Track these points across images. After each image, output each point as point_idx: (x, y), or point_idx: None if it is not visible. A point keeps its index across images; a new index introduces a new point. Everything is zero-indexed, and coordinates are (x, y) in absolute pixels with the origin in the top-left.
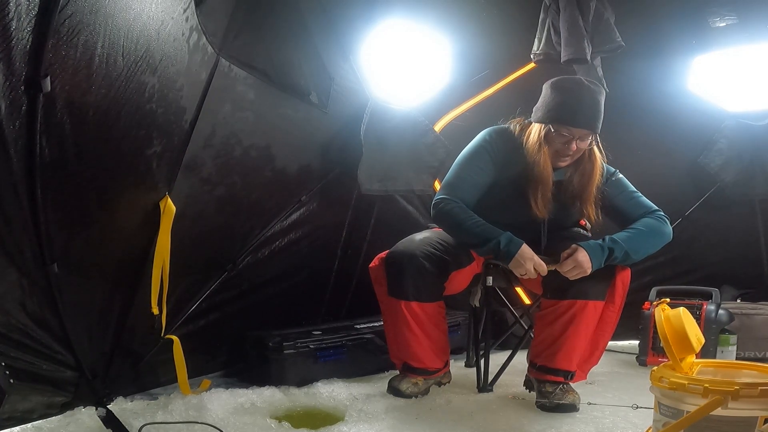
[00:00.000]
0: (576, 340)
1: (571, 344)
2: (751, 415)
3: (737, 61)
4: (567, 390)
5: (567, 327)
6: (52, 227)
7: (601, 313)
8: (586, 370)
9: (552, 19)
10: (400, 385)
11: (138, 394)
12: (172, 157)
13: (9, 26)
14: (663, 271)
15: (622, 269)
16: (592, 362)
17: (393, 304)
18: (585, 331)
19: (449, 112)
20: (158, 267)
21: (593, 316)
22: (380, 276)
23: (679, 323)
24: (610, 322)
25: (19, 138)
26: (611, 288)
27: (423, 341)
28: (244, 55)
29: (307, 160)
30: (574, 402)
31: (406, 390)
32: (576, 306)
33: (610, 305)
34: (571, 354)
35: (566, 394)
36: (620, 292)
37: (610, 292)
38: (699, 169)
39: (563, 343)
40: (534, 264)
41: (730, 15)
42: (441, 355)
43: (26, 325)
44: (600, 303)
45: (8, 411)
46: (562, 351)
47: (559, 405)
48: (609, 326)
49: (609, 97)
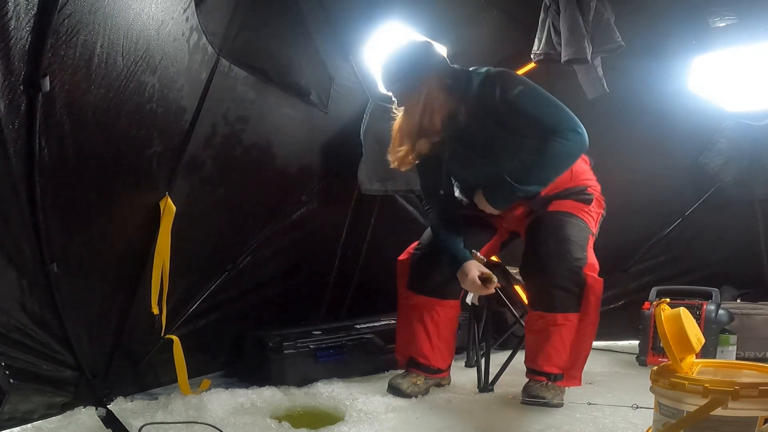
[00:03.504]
0: (550, 346)
1: (547, 350)
2: (751, 415)
3: (737, 61)
4: (549, 388)
5: (541, 335)
6: (51, 227)
7: (577, 324)
8: (575, 376)
9: (552, 19)
10: (401, 384)
11: (138, 394)
12: (172, 157)
13: (8, 26)
14: (663, 271)
15: (594, 282)
16: (577, 366)
17: (410, 297)
18: (559, 339)
19: None
20: (158, 267)
21: (566, 326)
22: (405, 268)
23: (679, 323)
24: (588, 333)
25: (19, 138)
26: (584, 301)
27: (433, 338)
28: (244, 55)
29: (307, 160)
30: (548, 398)
31: (407, 389)
32: (547, 318)
33: (585, 317)
34: (549, 358)
35: (547, 391)
36: (593, 304)
37: (584, 304)
38: (699, 169)
39: (540, 348)
40: (470, 281)
41: (730, 15)
42: (446, 356)
43: (26, 325)
44: (572, 315)
45: (8, 411)
46: (540, 355)
47: (533, 398)
48: (586, 336)
49: (609, 97)
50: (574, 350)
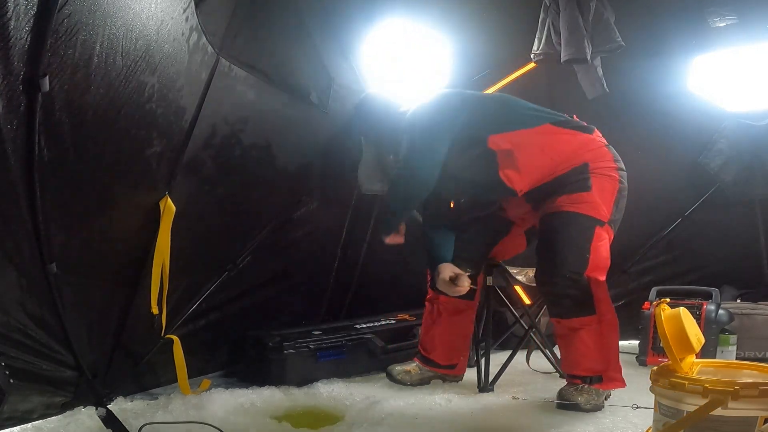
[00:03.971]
0: (575, 350)
1: (573, 354)
2: (751, 415)
3: (737, 61)
4: (584, 391)
5: (564, 340)
6: (51, 227)
7: (597, 326)
8: (614, 378)
9: (552, 19)
10: (393, 370)
11: (138, 394)
12: (172, 157)
13: (7, 26)
14: (663, 271)
15: (596, 284)
16: (612, 368)
17: (429, 291)
18: (581, 342)
19: None
20: (158, 267)
21: (585, 329)
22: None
23: (679, 323)
24: (607, 332)
25: (18, 137)
26: (596, 303)
27: (432, 331)
28: (244, 55)
29: (307, 160)
30: (581, 402)
31: (396, 375)
32: (563, 323)
33: (601, 318)
34: (577, 362)
35: (580, 395)
36: (604, 304)
37: (597, 307)
38: (699, 169)
39: (567, 353)
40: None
41: (730, 15)
42: (448, 351)
43: (26, 325)
44: (587, 318)
45: (8, 411)
46: (568, 359)
47: (563, 400)
48: (608, 336)
49: (609, 97)
50: (602, 351)
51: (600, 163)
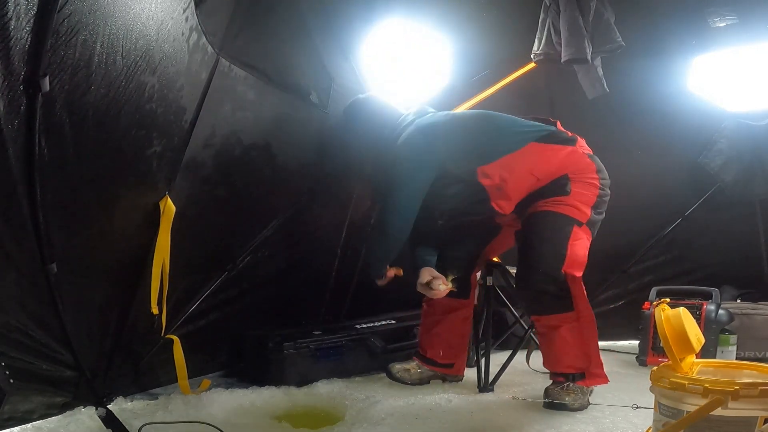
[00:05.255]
0: (556, 347)
1: (554, 352)
2: (751, 415)
3: (737, 61)
4: (570, 390)
5: (545, 338)
6: (51, 227)
7: (575, 323)
8: (596, 374)
9: (552, 19)
10: (392, 367)
11: (138, 394)
12: (172, 157)
13: (8, 26)
14: (663, 271)
15: (572, 280)
16: (594, 364)
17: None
18: (561, 340)
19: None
20: (158, 267)
21: (564, 326)
22: None
23: (679, 323)
24: (585, 328)
25: (18, 138)
26: (573, 300)
27: (428, 329)
28: (244, 55)
29: (307, 160)
30: (569, 402)
31: (396, 373)
32: (542, 320)
33: (579, 314)
34: (559, 359)
35: (567, 394)
36: (581, 301)
37: (575, 303)
38: (699, 169)
39: (549, 351)
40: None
41: (730, 15)
42: (445, 350)
43: (26, 325)
44: (565, 314)
45: (8, 411)
46: (550, 357)
47: (552, 401)
48: (587, 332)
49: (609, 97)
50: (583, 348)
51: (580, 174)
